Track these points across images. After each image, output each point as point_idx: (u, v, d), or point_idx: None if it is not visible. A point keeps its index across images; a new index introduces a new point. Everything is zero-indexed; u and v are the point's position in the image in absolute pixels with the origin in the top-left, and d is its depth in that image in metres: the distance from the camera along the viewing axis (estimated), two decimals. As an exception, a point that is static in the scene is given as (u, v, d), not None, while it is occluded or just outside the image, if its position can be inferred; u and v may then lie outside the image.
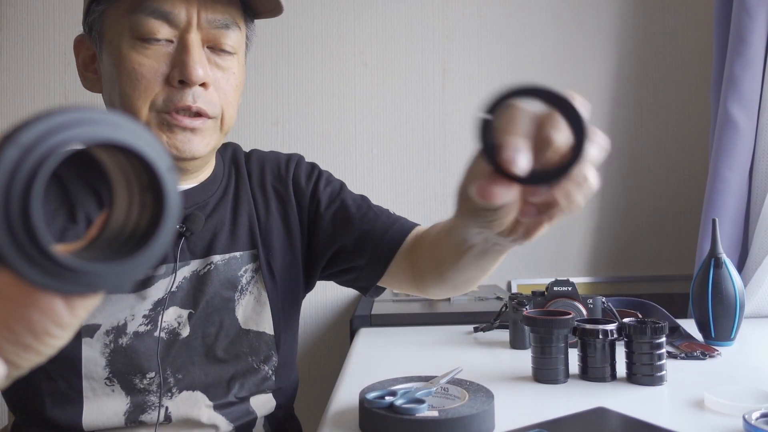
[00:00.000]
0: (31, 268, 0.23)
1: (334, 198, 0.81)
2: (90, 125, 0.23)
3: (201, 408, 0.71)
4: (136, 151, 0.24)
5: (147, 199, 0.26)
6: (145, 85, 0.66)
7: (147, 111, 0.67)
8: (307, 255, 0.81)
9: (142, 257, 0.26)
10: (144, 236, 0.26)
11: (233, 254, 0.75)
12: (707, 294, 0.90)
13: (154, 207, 0.26)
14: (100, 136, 0.23)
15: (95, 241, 0.27)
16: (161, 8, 0.66)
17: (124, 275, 0.26)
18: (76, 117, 0.23)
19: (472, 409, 0.56)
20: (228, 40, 0.70)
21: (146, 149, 0.24)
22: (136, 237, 0.26)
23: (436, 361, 0.86)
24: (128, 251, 0.26)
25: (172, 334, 0.71)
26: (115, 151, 0.25)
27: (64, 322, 0.28)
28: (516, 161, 0.37)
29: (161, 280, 0.71)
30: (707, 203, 1.23)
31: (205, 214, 0.75)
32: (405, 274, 0.76)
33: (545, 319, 0.72)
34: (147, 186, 0.26)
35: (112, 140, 0.23)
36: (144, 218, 0.26)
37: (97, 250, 0.27)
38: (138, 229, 0.26)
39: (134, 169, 0.26)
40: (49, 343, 0.28)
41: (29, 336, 0.28)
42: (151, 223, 0.26)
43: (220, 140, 0.73)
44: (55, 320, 0.28)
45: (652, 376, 0.70)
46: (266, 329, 0.76)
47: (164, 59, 0.67)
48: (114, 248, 0.26)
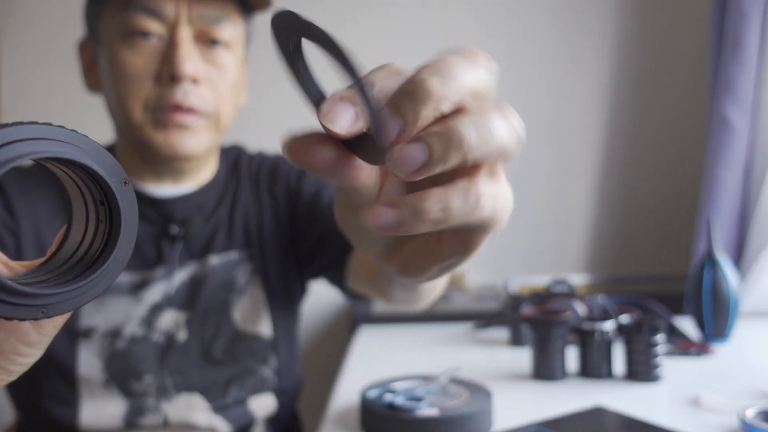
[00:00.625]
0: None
1: (313, 193, 0.78)
2: (38, 140, 0.22)
3: (199, 411, 0.71)
4: (85, 165, 0.23)
5: (101, 215, 0.25)
6: (137, 83, 0.66)
7: (141, 110, 0.66)
8: (295, 254, 0.80)
9: (96, 278, 0.24)
10: (98, 256, 0.25)
11: (230, 256, 0.75)
12: (702, 292, 0.91)
13: (108, 224, 0.25)
14: (48, 152, 0.22)
15: (51, 259, 0.26)
16: (150, 4, 0.65)
17: (77, 298, 0.24)
18: (24, 132, 0.22)
19: (471, 407, 0.57)
20: (220, 33, 0.68)
21: (95, 163, 0.23)
22: (89, 256, 0.25)
23: (436, 358, 0.87)
24: (80, 271, 0.25)
25: (169, 337, 0.71)
26: (67, 167, 0.24)
27: (31, 340, 0.27)
28: (337, 113, 0.24)
29: (158, 283, 0.71)
30: (702, 203, 1.24)
31: (204, 216, 0.75)
32: (368, 283, 0.69)
33: (544, 317, 0.73)
34: (101, 202, 0.25)
35: (59, 155, 0.22)
36: (99, 236, 0.25)
37: (52, 268, 0.26)
38: (92, 247, 0.25)
39: (86, 184, 0.25)
40: (19, 362, 0.28)
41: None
42: (105, 242, 0.25)
43: (217, 139, 0.72)
44: (22, 340, 0.27)
45: (649, 373, 0.71)
46: (264, 330, 0.76)
47: (155, 57, 0.66)
48: (66, 268, 0.25)
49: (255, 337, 0.75)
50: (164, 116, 0.66)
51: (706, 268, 0.92)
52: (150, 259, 0.72)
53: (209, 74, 0.68)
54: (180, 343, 0.72)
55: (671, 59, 1.56)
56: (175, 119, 0.66)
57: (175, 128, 0.67)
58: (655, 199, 1.57)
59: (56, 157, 0.23)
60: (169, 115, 0.66)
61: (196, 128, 0.68)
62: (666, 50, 1.57)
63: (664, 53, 1.57)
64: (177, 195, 0.73)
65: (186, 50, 0.66)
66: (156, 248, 0.72)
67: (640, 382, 0.71)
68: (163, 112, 0.66)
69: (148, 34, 0.66)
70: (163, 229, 0.73)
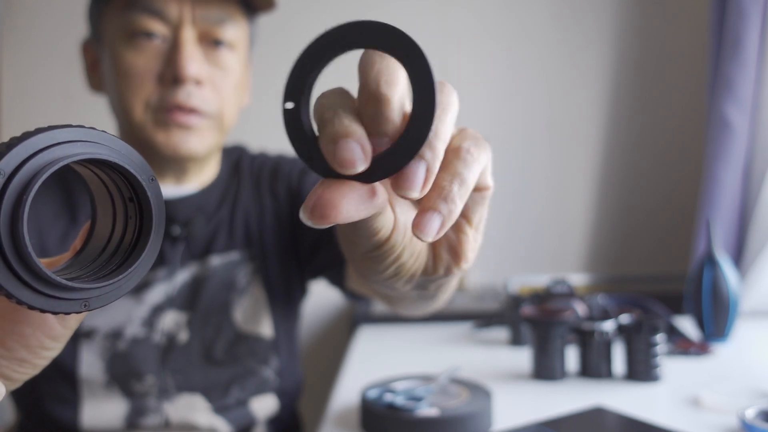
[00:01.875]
0: (22, 290, 0.23)
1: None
2: (67, 144, 0.23)
3: (200, 411, 0.71)
4: (118, 165, 0.24)
5: (131, 211, 0.26)
6: (139, 83, 0.66)
7: (142, 110, 0.66)
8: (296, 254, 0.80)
9: (132, 271, 0.26)
10: (132, 249, 0.26)
11: (231, 256, 0.75)
12: (702, 292, 0.91)
13: (139, 219, 0.26)
14: (88, 154, 0.23)
15: (80, 254, 0.27)
16: (154, 5, 0.65)
17: (115, 291, 0.26)
18: (53, 137, 0.23)
19: (471, 407, 0.57)
20: (224, 34, 0.68)
21: (126, 162, 0.25)
22: (123, 250, 0.26)
23: (436, 359, 0.87)
24: (117, 265, 0.26)
25: (171, 338, 0.71)
26: (94, 166, 0.25)
27: (56, 334, 0.28)
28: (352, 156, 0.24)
29: (159, 284, 0.71)
30: (702, 203, 1.24)
31: (206, 217, 0.75)
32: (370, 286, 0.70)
33: (544, 317, 0.73)
34: (129, 198, 0.26)
35: (92, 157, 0.23)
36: (129, 231, 0.26)
37: (85, 264, 0.27)
38: (124, 242, 0.26)
39: (115, 182, 0.26)
40: (43, 356, 0.29)
41: (24, 350, 0.28)
42: (137, 236, 0.26)
43: (219, 140, 0.72)
44: (48, 334, 0.28)
45: (649, 373, 0.71)
46: (265, 331, 0.76)
47: (158, 57, 0.66)
48: (102, 262, 0.26)
49: (256, 338, 0.76)
50: (166, 116, 0.66)
51: (706, 268, 0.92)
52: None
53: (212, 75, 0.68)
54: (181, 343, 0.72)
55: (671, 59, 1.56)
56: (177, 119, 0.66)
57: (177, 128, 0.67)
58: (655, 199, 1.57)
59: (95, 159, 0.23)
60: (172, 115, 0.66)
61: (198, 129, 0.68)
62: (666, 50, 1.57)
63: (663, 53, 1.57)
64: (179, 196, 0.73)
65: (189, 51, 0.66)
66: None
67: (639, 381, 0.71)
68: (165, 112, 0.66)
69: (152, 34, 0.66)
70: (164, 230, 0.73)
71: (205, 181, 0.76)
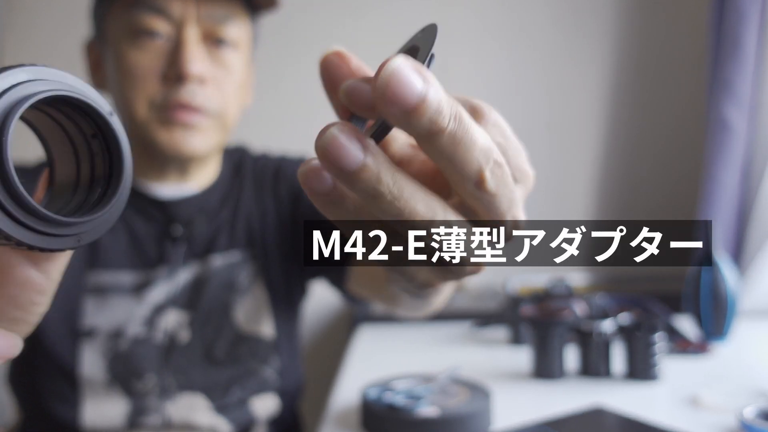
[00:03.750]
0: (20, 229, 0.22)
1: None
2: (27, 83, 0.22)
3: (201, 411, 0.71)
4: (81, 101, 0.24)
5: (95, 148, 0.26)
6: (142, 82, 0.66)
7: (146, 109, 0.66)
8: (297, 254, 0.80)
9: (114, 203, 0.25)
10: (108, 182, 0.26)
11: (232, 256, 0.75)
12: (701, 292, 0.91)
13: (108, 153, 0.26)
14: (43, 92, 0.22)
15: (50, 200, 0.27)
16: (157, 3, 0.65)
17: (103, 224, 0.25)
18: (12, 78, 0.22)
19: (471, 406, 0.57)
20: (227, 33, 0.68)
21: (89, 98, 0.24)
22: (98, 185, 0.26)
23: (436, 358, 0.87)
24: (98, 198, 0.26)
25: (172, 338, 0.71)
26: (51, 107, 0.24)
27: (43, 288, 0.28)
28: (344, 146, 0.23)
29: (160, 283, 0.72)
30: (701, 203, 1.24)
31: (207, 217, 0.75)
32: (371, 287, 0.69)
33: (544, 316, 0.73)
34: (93, 135, 0.26)
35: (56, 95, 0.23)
36: (99, 166, 0.26)
37: (59, 206, 0.26)
38: (96, 177, 0.26)
39: (74, 120, 0.25)
40: (35, 312, 0.29)
41: (16, 310, 0.28)
42: (110, 169, 0.26)
43: (222, 140, 0.72)
44: (35, 289, 0.28)
45: (648, 372, 0.71)
46: (266, 331, 0.76)
47: (161, 56, 0.66)
48: (79, 201, 0.26)
49: (257, 338, 0.76)
50: (169, 115, 0.66)
51: (705, 268, 0.92)
52: (152, 259, 0.72)
53: (216, 74, 0.68)
54: (182, 343, 0.72)
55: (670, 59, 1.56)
56: (180, 118, 0.66)
57: (180, 127, 0.67)
58: (654, 198, 1.57)
59: (58, 96, 0.23)
60: (175, 114, 0.66)
61: (201, 128, 0.68)
62: (665, 50, 1.57)
63: (663, 53, 1.57)
64: (181, 196, 0.74)
65: (193, 50, 0.66)
66: (159, 248, 0.73)
67: (639, 381, 0.71)
68: (169, 111, 0.66)
69: (155, 33, 0.66)
70: (166, 230, 0.73)
71: (207, 181, 0.77)
